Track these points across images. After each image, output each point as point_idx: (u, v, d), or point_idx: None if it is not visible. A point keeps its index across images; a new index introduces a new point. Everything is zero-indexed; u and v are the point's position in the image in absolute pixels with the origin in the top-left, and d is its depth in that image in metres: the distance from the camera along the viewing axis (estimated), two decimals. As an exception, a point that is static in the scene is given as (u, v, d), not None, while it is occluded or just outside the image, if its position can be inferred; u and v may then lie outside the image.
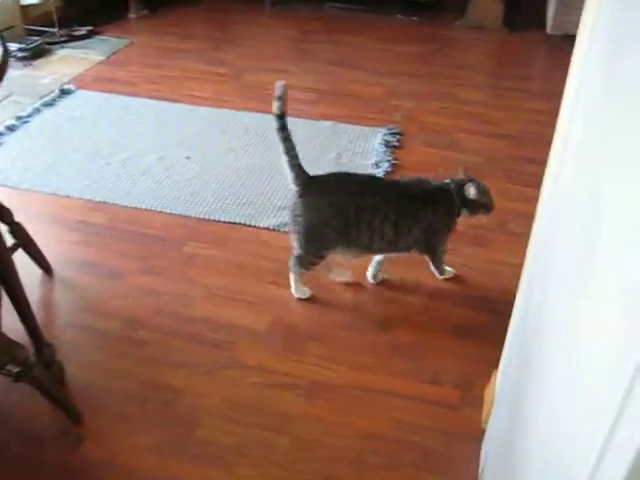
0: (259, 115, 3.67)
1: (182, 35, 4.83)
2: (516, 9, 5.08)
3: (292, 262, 2.40)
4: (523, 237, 1.72)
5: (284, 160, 2.24)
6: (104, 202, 2.95)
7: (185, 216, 2.87)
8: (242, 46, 4.65)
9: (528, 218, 1.67)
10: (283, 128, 2.20)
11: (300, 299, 2.44)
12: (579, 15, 1.31)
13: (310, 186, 2.27)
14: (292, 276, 2.43)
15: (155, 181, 3.10)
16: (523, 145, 3.47)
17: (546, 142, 1.52)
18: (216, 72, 4.24)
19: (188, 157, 3.29)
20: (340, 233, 2.27)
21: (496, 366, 1.95)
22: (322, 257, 2.37)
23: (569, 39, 4.48)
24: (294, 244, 2.35)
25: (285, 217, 2.72)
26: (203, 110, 3.78)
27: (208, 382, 2.10)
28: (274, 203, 2.96)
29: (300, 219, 2.27)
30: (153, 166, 3.22)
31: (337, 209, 2.25)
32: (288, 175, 2.26)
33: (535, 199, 1.57)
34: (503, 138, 3.55)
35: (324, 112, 3.77)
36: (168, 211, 2.90)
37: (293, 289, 2.45)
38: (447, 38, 4.98)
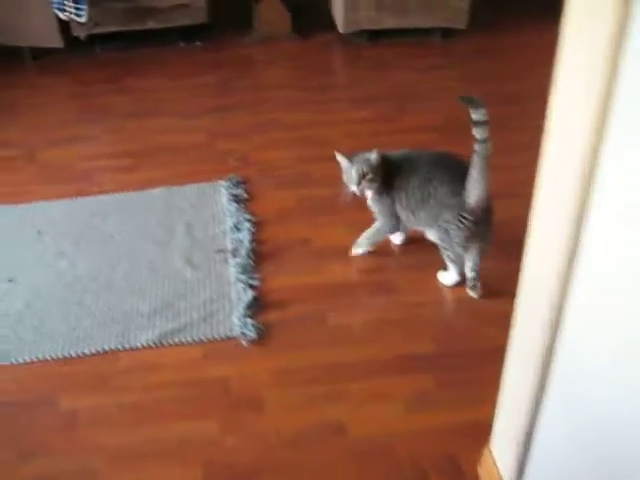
0: (74, 201, 3.10)
1: None
2: (300, 14, 4.87)
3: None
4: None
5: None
6: None
7: (41, 360, 2.29)
8: (21, 116, 3.95)
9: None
10: None
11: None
12: (370, 9, 1.08)
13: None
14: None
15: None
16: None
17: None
18: (3, 156, 3.54)
19: (10, 280, 2.65)
20: None
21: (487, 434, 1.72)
22: None
23: (364, 34, 4.34)
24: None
25: (164, 324, 2.30)
26: (2, 210, 3.10)
27: None
28: (141, 310, 2.47)
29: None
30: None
31: None
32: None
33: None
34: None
35: (147, 177, 3.27)
36: (14, 361, 2.30)
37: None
38: (240, 58, 4.64)
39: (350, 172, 2.38)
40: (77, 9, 4.15)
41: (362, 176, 2.37)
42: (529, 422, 1.45)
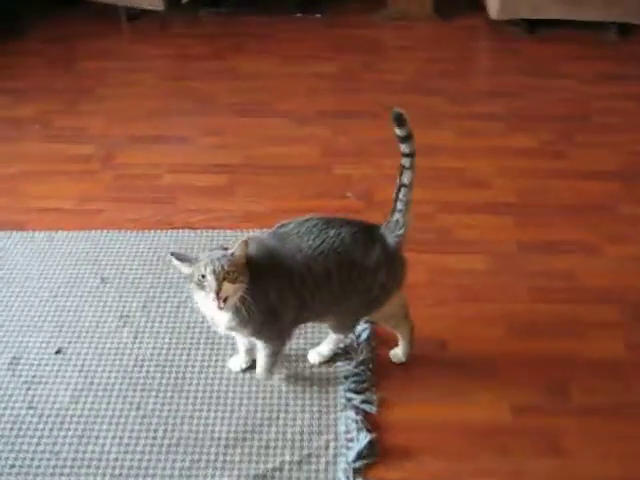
0: (151, 235, 2.47)
1: (9, 93, 3.42)
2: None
3: None
4: None
5: None
6: None
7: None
8: (104, 99, 3.33)
9: None
10: None
11: None
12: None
13: None
14: None
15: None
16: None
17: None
18: (75, 155, 2.94)
19: (59, 351, 2.07)
20: None
21: None
22: None
23: (521, 23, 3.44)
24: None
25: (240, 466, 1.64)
26: (62, 237, 2.50)
27: None
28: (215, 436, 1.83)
29: None
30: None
31: None
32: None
33: None
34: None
35: (244, 209, 2.60)
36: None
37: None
38: (367, 41, 3.84)
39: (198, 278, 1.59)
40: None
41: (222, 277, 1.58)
42: None
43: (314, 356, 2.00)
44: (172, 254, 1.60)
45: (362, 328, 2.07)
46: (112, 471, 1.74)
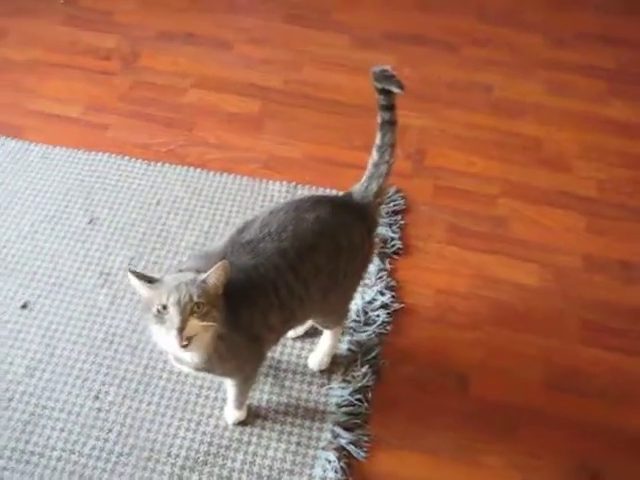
0: (162, 169, 2.13)
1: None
2: None
3: None
4: None
5: None
6: None
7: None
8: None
9: None
10: None
11: None
12: None
13: None
14: None
15: None
16: None
17: None
18: (95, 47, 2.53)
19: (25, 305, 1.82)
20: None
21: None
22: None
23: None
24: None
25: None
26: (59, 155, 2.17)
27: None
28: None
29: None
30: None
31: None
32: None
33: None
34: None
35: (265, 148, 2.20)
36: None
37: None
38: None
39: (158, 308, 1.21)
40: None
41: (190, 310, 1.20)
42: None
43: (315, 361, 1.69)
44: (131, 271, 1.25)
45: (373, 342, 1.74)
46: (51, 474, 1.53)
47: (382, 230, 1.94)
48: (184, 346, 1.22)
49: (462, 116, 2.29)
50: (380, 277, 1.84)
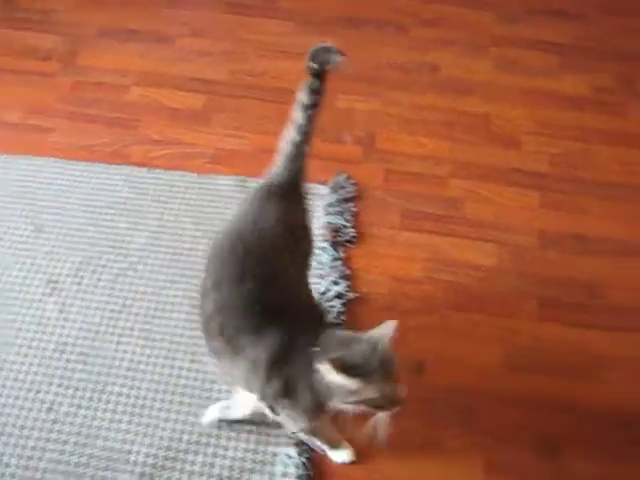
0: (107, 169, 2.08)
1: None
2: None
3: None
4: None
5: None
6: None
7: None
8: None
9: None
10: None
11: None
12: None
13: None
14: None
15: None
16: None
17: None
18: (34, 47, 2.46)
19: (-29, 320, 1.76)
20: None
21: None
22: None
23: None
24: None
25: None
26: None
27: None
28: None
29: None
30: None
31: None
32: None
33: None
34: None
35: (208, 143, 2.16)
36: None
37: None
38: None
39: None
40: None
41: None
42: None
43: None
44: (331, 360, 1.10)
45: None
46: (6, 493, 1.49)
47: (334, 219, 1.92)
48: None
49: (410, 97, 2.27)
50: (334, 267, 1.82)
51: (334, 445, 1.51)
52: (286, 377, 1.22)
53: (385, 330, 1.18)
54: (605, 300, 1.80)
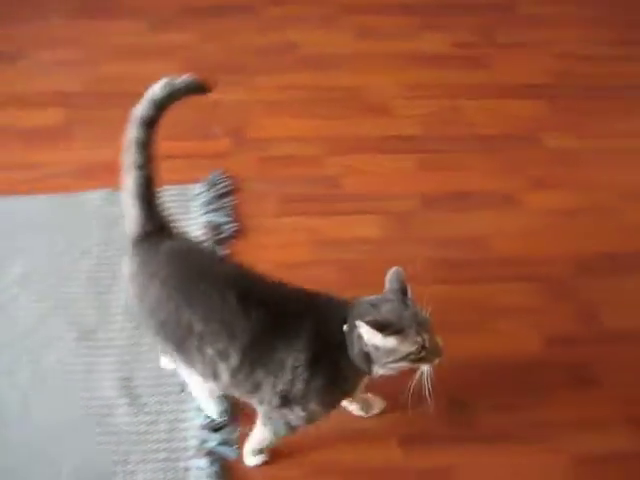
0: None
1: None
2: None
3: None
4: None
5: None
6: None
7: None
8: None
9: None
10: None
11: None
12: None
13: None
14: None
15: None
16: None
17: None
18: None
19: None
20: None
21: None
22: None
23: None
24: None
25: None
26: None
27: None
28: None
29: None
30: None
31: None
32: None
33: None
34: None
35: (79, 158, 2.06)
36: None
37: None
38: None
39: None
40: None
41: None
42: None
43: None
44: (367, 322, 1.15)
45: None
46: None
47: (213, 216, 1.87)
48: None
49: (274, 80, 2.24)
50: (219, 265, 1.77)
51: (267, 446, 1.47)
52: (328, 367, 1.24)
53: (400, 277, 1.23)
54: (490, 253, 1.82)
